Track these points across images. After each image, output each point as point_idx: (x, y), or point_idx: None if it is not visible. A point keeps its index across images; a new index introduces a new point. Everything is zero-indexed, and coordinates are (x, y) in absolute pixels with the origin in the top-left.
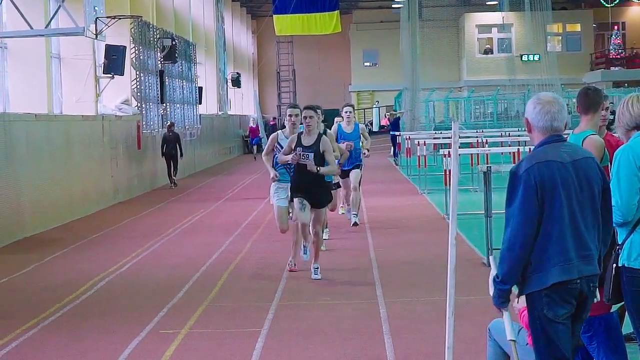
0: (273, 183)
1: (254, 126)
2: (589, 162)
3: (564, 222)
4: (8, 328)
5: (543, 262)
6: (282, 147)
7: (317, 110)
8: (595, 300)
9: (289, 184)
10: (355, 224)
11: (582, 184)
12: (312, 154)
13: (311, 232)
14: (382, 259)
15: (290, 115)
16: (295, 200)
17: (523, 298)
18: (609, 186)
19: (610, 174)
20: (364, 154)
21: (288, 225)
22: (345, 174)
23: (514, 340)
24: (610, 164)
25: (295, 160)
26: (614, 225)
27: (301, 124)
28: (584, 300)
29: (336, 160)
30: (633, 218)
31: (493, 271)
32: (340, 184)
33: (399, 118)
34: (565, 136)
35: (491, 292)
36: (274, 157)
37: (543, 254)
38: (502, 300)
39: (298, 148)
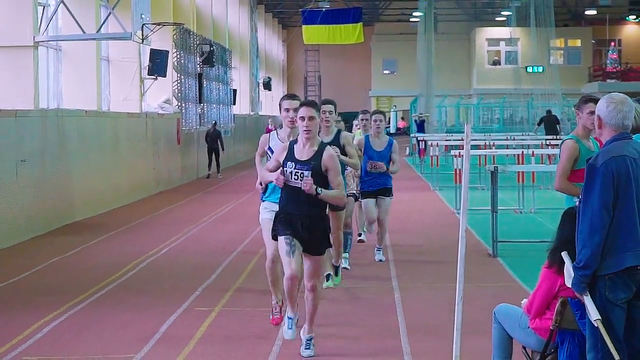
0: (262, 202)
1: (272, 128)
2: None
3: (633, 211)
4: (59, 302)
5: (616, 247)
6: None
7: (332, 106)
8: None
9: None
10: (380, 260)
11: None
12: (309, 172)
13: (306, 287)
14: (396, 249)
15: (287, 110)
16: (281, 239)
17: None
18: None
19: None
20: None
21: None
22: (368, 195)
23: (599, 319)
24: None
25: (281, 183)
26: None
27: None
28: None
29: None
30: None
31: (568, 263)
32: (363, 207)
33: (424, 120)
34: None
35: (569, 282)
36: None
37: (616, 240)
38: (583, 285)
39: (288, 163)
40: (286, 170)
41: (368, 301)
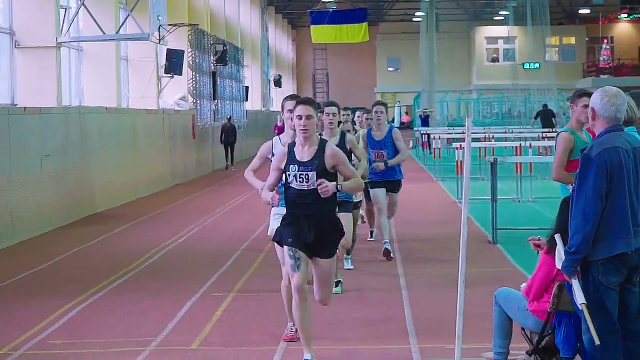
0: (273, 207)
1: (280, 125)
2: None
3: (625, 200)
4: (82, 289)
5: (608, 234)
6: None
7: (336, 107)
8: None
9: None
10: (387, 250)
11: (638, 167)
12: (314, 172)
13: (316, 299)
14: (402, 235)
15: (290, 111)
16: (286, 250)
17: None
18: None
19: None
20: (385, 165)
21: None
22: (377, 184)
23: (585, 304)
24: None
25: (276, 202)
26: None
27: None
28: (635, 269)
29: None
30: None
31: (560, 247)
32: (372, 196)
33: (428, 115)
34: None
35: (560, 264)
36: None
37: (608, 227)
38: (573, 269)
39: (291, 167)
40: (289, 175)
41: (376, 281)
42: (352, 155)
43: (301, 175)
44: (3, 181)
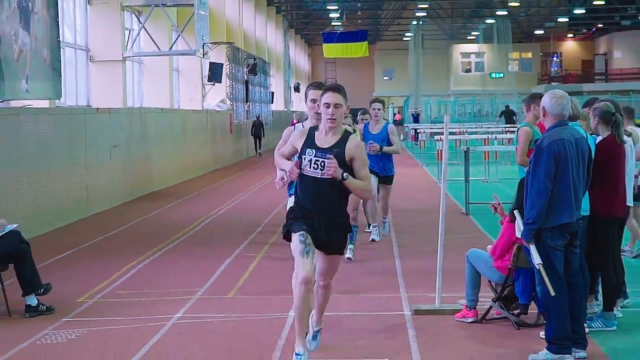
0: (289, 197)
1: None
2: (583, 141)
3: (569, 181)
4: (143, 250)
5: (556, 208)
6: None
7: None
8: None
9: None
10: (373, 240)
11: (579, 155)
12: (331, 160)
13: (317, 283)
14: (394, 208)
15: (313, 100)
16: (295, 236)
17: (491, 246)
18: (592, 158)
19: None
20: (380, 149)
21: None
22: (370, 172)
23: (541, 264)
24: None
25: (295, 176)
26: None
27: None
28: (575, 235)
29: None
30: None
31: (519, 220)
32: None
33: (419, 114)
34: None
35: (519, 233)
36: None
37: (556, 203)
38: (530, 236)
39: (307, 150)
40: (304, 158)
41: (373, 245)
42: None
43: (317, 162)
44: (80, 166)
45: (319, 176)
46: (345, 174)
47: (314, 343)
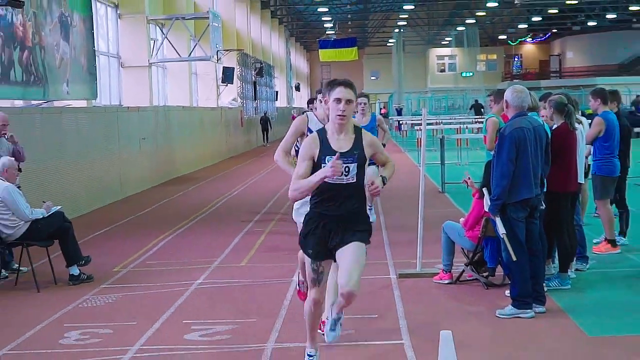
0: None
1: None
2: (541, 128)
3: (529, 163)
4: (168, 227)
5: (517, 186)
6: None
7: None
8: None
9: None
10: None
11: (537, 141)
12: (355, 164)
13: (340, 292)
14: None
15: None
16: (308, 262)
17: (463, 218)
18: (549, 143)
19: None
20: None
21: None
22: None
23: (505, 234)
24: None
25: (339, 171)
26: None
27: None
28: (535, 208)
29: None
30: None
31: (487, 196)
32: None
33: (401, 108)
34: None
35: (487, 207)
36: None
37: (517, 182)
38: (496, 210)
39: (327, 158)
40: (323, 167)
41: None
42: None
43: (345, 167)
44: (114, 157)
45: (344, 182)
46: (384, 180)
47: (331, 334)
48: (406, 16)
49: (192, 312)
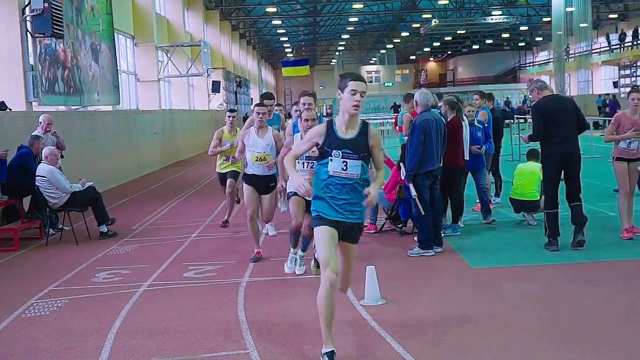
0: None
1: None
2: (440, 120)
3: (432, 145)
4: (167, 199)
5: (424, 161)
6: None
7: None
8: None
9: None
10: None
11: (438, 129)
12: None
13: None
14: None
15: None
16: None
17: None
18: (445, 131)
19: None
20: None
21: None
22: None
23: (417, 195)
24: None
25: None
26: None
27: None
28: (436, 177)
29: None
30: None
31: (403, 169)
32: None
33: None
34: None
35: (403, 176)
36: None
37: (424, 158)
38: (409, 178)
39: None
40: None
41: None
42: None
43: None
44: (133, 147)
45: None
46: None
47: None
48: (344, 43)
49: (189, 257)
